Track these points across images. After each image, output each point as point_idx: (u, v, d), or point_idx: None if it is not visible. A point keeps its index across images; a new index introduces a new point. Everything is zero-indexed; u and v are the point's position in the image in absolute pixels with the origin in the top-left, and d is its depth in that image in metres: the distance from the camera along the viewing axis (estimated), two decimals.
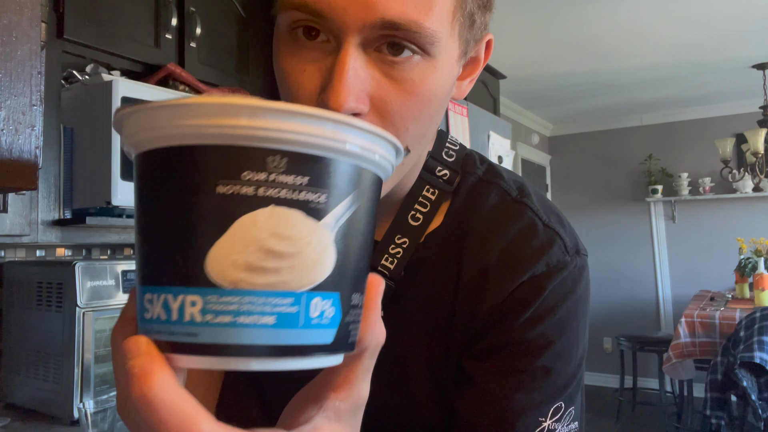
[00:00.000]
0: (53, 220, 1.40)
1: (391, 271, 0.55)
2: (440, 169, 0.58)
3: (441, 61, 0.45)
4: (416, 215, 0.56)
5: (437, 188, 0.57)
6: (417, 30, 0.41)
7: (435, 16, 0.42)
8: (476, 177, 0.59)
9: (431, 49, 0.43)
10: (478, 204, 0.57)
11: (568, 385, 0.53)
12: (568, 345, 0.53)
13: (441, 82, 0.46)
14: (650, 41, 3.48)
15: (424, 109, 0.46)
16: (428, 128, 0.48)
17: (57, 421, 1.39)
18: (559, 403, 0.52)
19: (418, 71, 0.44)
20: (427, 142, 0.52)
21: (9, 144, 0.93)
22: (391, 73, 0.43)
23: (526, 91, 4.55)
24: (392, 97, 0.44)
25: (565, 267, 0.53)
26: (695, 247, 5.19)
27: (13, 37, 0.94)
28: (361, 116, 0.43)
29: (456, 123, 2.20)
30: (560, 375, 0.52)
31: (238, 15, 1.93)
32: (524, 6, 2.95)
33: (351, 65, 0.41)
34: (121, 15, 1.58)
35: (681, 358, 3.39)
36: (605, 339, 5.56)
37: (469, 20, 0.47)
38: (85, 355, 1.39)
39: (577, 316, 0.54)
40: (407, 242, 0.55)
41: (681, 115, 5.30)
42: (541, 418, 0.51)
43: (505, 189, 0.58)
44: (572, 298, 0.54)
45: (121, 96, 1.41)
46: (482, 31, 0.51)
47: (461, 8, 0.45)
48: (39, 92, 0.98)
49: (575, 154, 5.84)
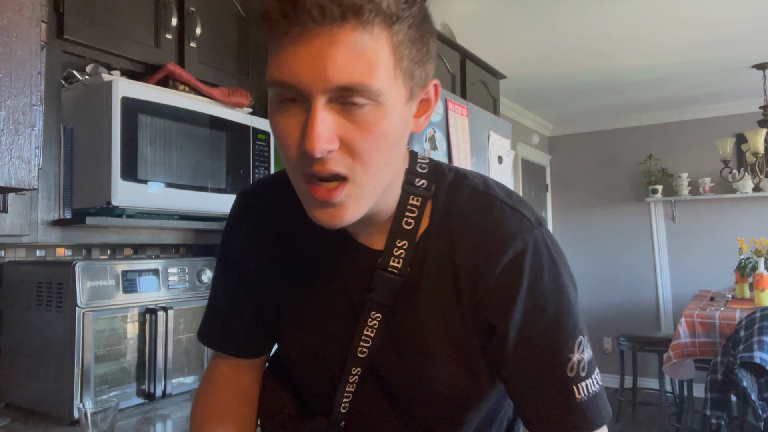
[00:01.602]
0: (53, 220, 1.40)
1: (399, 269, 0.70)
2: (418, 180, 0.71)
3: (390, 106, 0.59)
4: (408, 221, 0.70)
5: (420, 196, 0.71)
6: (364, 89, 0.56)
7: (378, 76, 0.56)
8: (448, 181, 0.73)
9: (379, 99, 0.57)
10: (455, 201, 0.71)
11: (576, 323, 0.67)
12: (565, 294, 0.68)
13: (393, 121, 0.59)
14: (650, 41, 3.48)
15: (381, 143, 0.59)
16: (389, 157, 0.62)
17: (57, 421, 1.39)
18: (578, 338, 0.67)
19: (372, 115, 0.58)
20: (394, 167, 0.65)
21: (9, 144, 0.93)
22: (352, 118, 0.57)
23: (526, 91, 4.55)
24: (355, 136, 0.58)
25: (535, 240, 0.68)
26: (695, 247, 5.19)
27: (13, 37, 0.94)
28: (332, 152, 0.57)
29: (456, 123, 2.20)
30: (569, 319, 0.67)
31: (238, 15, 1.93)
32: (524, 6, 2.95)
33: (319, 118, 0.56)
34: (121, 15, 1.58)
35: (681, 358, 3.38)
36: (605, 339, 5.56)
37: (408, 73, 0.60)
38: (85, 355, 1.39)
39: (560, 270, 0.69)
40: (406, 244, 0.70)
41: (681, 115, 5.29)
42: (569, 355, 0.66)
43: (473, 186, 0.73)
44: (550, 260, 0.68)
45: (121, 96, 1.41)
46: (425, 80, 0.64)
47: (399, 66, 0.59)
48: (39, 92, 0.98)
49: (575, 154, 5.84)
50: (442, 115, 2.11)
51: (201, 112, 1.61)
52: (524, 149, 5.28)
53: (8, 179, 0.93)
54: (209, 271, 1.73)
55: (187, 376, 1.67)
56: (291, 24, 0.54)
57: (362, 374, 0.74)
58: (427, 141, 2.00)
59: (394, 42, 0.58)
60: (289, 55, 0.56)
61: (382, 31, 0.56)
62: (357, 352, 0.72)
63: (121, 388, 1.49)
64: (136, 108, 1.45)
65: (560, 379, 0.66)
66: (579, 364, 0.66)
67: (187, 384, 1.67)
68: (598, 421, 0.66)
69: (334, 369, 0.75)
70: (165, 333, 1.56)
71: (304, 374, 0.82)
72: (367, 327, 0.71)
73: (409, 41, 0.59)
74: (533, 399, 0.67)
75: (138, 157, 1.45)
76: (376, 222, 0.70)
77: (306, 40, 0.54)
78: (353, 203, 0.61)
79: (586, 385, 0.66)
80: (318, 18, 0.53)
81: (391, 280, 0.70)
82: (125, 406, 1.50)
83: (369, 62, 0.56)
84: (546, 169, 5.90)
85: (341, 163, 0.58)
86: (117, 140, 1.40)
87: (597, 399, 0.67)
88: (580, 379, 0.66)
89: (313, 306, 0.76)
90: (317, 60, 0.54)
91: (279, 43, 0.57)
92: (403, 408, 0.76)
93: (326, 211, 0.61)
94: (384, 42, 0.57)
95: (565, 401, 0.65)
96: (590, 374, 0.67)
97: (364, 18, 0.54)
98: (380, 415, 0.77)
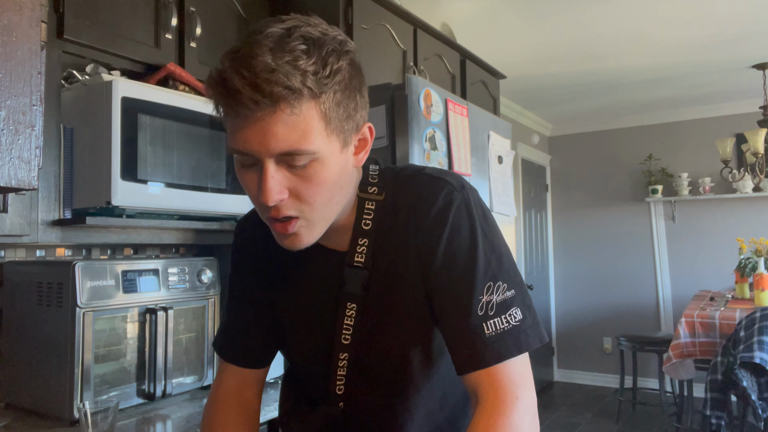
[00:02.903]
0: (53, 220, 1.40)
1: (363, 263, 0.84)
2: (371, 188, 0.86)
3: (326, 158, 0.72)
4: (366, 222, 0.85)
5: (373, 200, 0.85)
6: (302, 152, 0.69)
7: (311, 140, 0.69)
8: (391, 179, 0.87)
9: (316, 155, 0.71)
10: (397, 190, 0.86)
11: (487, 271, 0.79)
12: (479, 245, 0.80)
13: (331, 168, 0.73)
14: (650, 41, 3.48)
15: (322, 187, 0.73)
16: (332, 195, 0.76)
17: (57, 421, 1.39)
18: (488, 283, 0.79)
19: (312, 169, 0.71)
20: (339, 199, 0.79)
21: (9, 144, 0.93)
22: (296, 173, 0.71)
23: (526, 91, 4.55)
24: (300, 187, 0.72)
25: (456, 198, 0.82)
26: (695, 247, 5.19)
27: (13, 37, 0.94)
28: (283, 201, 0.72)
29: (456, 123, 2.20)
30: (480, 267, 0.79)
31: (238, 15, 1.93)
32: (524, 6, 2.95)
33: (270, 175, 0.70)
34: (121, 15, 1.58)
35: (681, 358, 3.38)
36: (605, 339, 5.56)
37: (339, 129, 0.73)
38: (85, 355, 1.39)
39: (478, 225, 0.81)
40: (367, 241, 0.84)
41: (681, 115, 5.29)
42: (480, 297, 0.78)
43: (408, 171, 0.88)
44: (468, 216, 0.81)
45: (121, 96, 1.41)
46: (358, 126, 0.77)
47: (329, 126, 0.71)
48: (39, 92, 0.98)
49: (575, 154, 5.84)
50: (442, 115, 2.11)
51: (201, 112, 1.61)
52: (524, 149, 5.28)
53: (8, 179, 0.93)
54: (209, 271, 1.73)
55: (187, 376, 1.67)
56: (235, 109, 0.68)
57: (349, 359, 0.87)
58: (427, 141, 2.00)
59: (322, 110, 0.70)
60: (241, 132, 0.69)
61: (309, 107, 0.69)
62: (341, 340, 0.86)
63: (121, 388, 1.49)
64: (136, 108, 1.45)
65: (472, 317, 0.78)
66: (488, 304, 0.78)
67: (187, 384, 1.67)
68: (506, 353, 0.76)
69: (325, 358, 0.88)
70: (165, 333, 1.56)
71: (305, 368, 0.95)
72: (345, 317, 0.85)
73: (336, 105, 0.71)
74: (452, 336, 0.80)
75: (138, 157, 1.45)
76: (339, 231, 0.85)
77: (250, 122, 0.68)
78: (307, 232, 0.76)
79: (494, 323, 0.77)
80: (254, 108, 0.66)
81: (357, 273, 0.84)
82: (125, 406, 1.50)
83: (302, 131, 0.69)
84: (546, 169, 5.90)
85: (292, 208, 0.73)
86: (117, 140, 1.40)
87: (506, 335, 0.77)
88: (488, 318, 0.77)
89: (302, 307, 0.91)
90: (261, 135, 0.68)
91: (233, 122, 0.70)
92: (388, 385, 0.88)
93: (287, 240, 0.77)
94: (313, 112, 0.69)
95: (477, 337, 0.77)
96: (499, 314, 0.78)
97: (291, 102, 0.67)
98: (371, 393, 0.89)
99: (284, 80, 0.66)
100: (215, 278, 1.75)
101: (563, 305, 5.81)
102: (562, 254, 5.85)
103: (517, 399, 0.75)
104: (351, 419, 0.91)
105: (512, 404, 0.75)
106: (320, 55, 0.69)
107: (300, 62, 0.67)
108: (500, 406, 0.74)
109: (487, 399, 0.75)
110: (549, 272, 5.82)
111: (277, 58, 0.66)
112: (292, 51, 0.67)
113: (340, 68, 0.71)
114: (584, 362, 5.67)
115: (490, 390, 0.76)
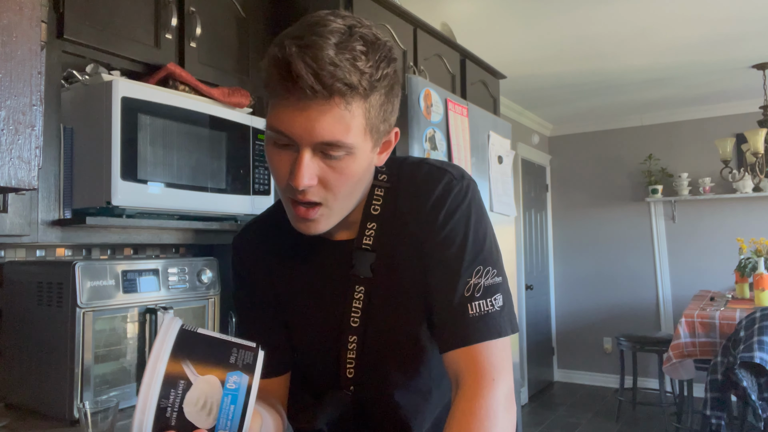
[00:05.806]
0: (53, 220, 1.40)
1: (370, 245, 0.88)
2: (381, 176, 0.90)
3: (359, 154, 0.77)
4: (375, 207, 0.89)
5: (382, 187, 0.90)
6: (341, 144, 0.73)
7: (352, 134, 0.74)
8: (399, 167, 0.91)
9: (351, 150, 0.75)
10: (403, 178, 0.90)
11: (478, 256, 0.84)
12: (471, 231, 0.85)
13: (361, 165, 0.78)
14: (650, 41, 3.48)
15: (349, 181, 0.78)
16: (354, 188, 0.80)
17: (57, 421, 1.39)
18: (478, 267, 0.83)
19: (345, 162, 0.76)
20: (359, 192, 0.83)
21: (9, 144, 0.93)
22: (329, 163, 0.75)
23: (526, 91, 4.55)
24: (330, 177, 0.76)
25: (455, 187, 0.87)
26: (695, 247, 5.19)
27: (13, 37, 0.94)
28: (312, 187, 0.76)
29: (456, 123, 2.20)
30: (470, 251, 0.84)
31: (238, 15, 1.93)
32: (524, 6, 2.95)
33: (305, 162, 0.74)
34: (121, 15, 1.58)
35: (681, 358, 3.38)
36: (605, 339, 5.56)
37: (375, 129, 0.78)
38: (85, 355, 1.39)
39: (472, 213, 0.86)
40: (375, 225, 0.88)
41: (681, 115, 5.29)
42: (468, 279, 0.83)
43: (412, 161, 0.92)
44: (465, 204, 0.86)
45: (121, 96, 1.41)
46: (389, 130, 0.82)
47: (369, 126, 0.76)
48: (39, 92, 0.98)
49: (575, 154, 5.84)
50: (442, 115, 2.11)
51: (201, 112, 1.61)
52: (524, 149, 5.28)
53: (8, 179, 0.93)
54: (209, 271, 1.73)
55: None
56: (290, 92, 0.71)
57: (359, 341, 0.89)
58: (427, 141, 2.00)
59: (366, 109, 0.75)
60: (287, 114, 0.72)
61: (359, 105, 0.73)
62: (350, 322, 0.88)
63: (121, 388, 1.49)
64: (136, 108, 1.45)
65: (458, 296, 0.82)
66: (475, 286, 0.82)
67: None
68: (486, 334, 0.80)
69: (335, 343, 0.90)
70: None
71: (313, 357, 0.96)
72: (354, 299, 0.88)
73: (378, 107, 0.76)
74: (439, 314, 0.84)
75: (138, 157, 1.45)
76: (347, 223, 0.88)
77: (301, 106, 0.71)
78: (325, 219, 0.80)
79: (479, 304, 0.81)
80: (310, 96, 0.70)
81: (365, 255, 0.88)
82: (125, 406, 1.50)
83: (347, 126, 0.73)
84: (546, 169, 5.90)
85: (317, 195, 0.77)
86: (117, 140, 1.40)
87: (488, 317, 0.81)
88: (474, 299, 0.82)
89: (311, 295, 0.93)
90: (308, 122, 0.72)
91: (279, 101, 0.73)
92: (399, 366, 0.90)
93: (305, 224, 0.80)
94: (360, 110, 0.74)
95: (461, 316, 0.81)
96: (485, 297, 0.82)
97: (346, 98, 0.71)
98: (381, 375, 0.91)
99: (345, 76, 0.70)
100: (215, 278, 1.75)
101: (563, 305, 5.81)
102: (562, 254, 5.85)
103: (494, 381, 0.78)
104: (362, 403, 0.92)
105: (489, 386, 0.78)
106: (375, 59, 0.73)
107: (359, 63, 0.71)
108: (478, 389, 0.78)
109: (466, 382, 0.79)
110: (549, 272, 5.82)
111: (339, 54, 0.70)
112: (353, 50, 0.71)
113: (387, 74, 0.76)
114: (584, 362, 5.67)
115: (470, 372, 0.79)
